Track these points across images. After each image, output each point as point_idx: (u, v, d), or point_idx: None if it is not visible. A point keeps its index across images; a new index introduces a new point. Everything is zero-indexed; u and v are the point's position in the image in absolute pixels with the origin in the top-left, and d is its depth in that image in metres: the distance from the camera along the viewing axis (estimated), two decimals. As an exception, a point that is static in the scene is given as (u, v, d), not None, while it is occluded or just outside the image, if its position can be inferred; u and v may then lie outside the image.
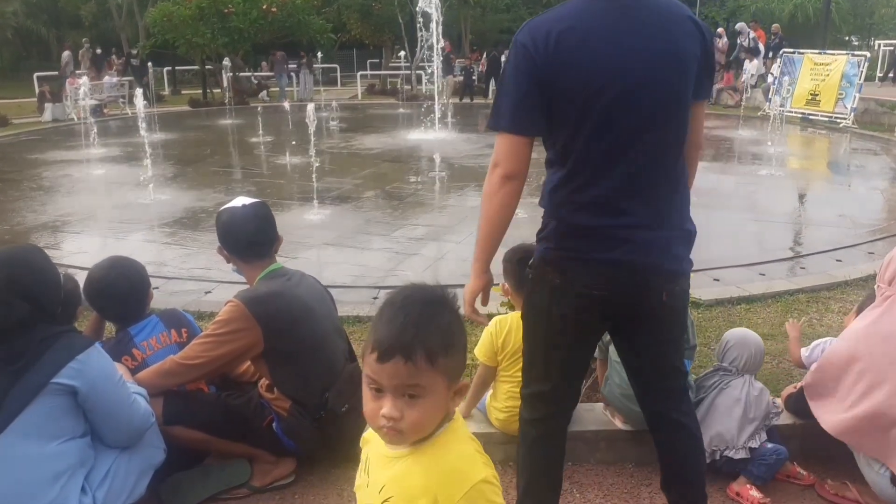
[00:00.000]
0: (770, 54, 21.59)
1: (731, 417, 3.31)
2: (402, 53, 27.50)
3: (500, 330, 3.37)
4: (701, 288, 5.85)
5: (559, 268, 2.43)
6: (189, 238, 8.61)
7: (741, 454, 3.27)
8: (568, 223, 2.41)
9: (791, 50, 19.91)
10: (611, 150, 2.33)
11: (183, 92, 27.39)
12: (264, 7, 23.50)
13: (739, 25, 24.90)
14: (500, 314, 3.57)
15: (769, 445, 3.32)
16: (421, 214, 9.67)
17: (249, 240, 3.20)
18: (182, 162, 13.63)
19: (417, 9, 19.02)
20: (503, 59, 14.27)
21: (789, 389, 3.67)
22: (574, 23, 2.29)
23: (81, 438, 2.63)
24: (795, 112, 14.04)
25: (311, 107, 10.63)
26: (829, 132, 17.22)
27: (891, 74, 22.79)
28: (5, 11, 26.59)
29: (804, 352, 3.68)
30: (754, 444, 3.28)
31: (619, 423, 3.54)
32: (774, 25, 22.09)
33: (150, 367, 3.11)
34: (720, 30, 23.79)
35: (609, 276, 2.38)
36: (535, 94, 2.31)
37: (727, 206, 9.75)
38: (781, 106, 18.49)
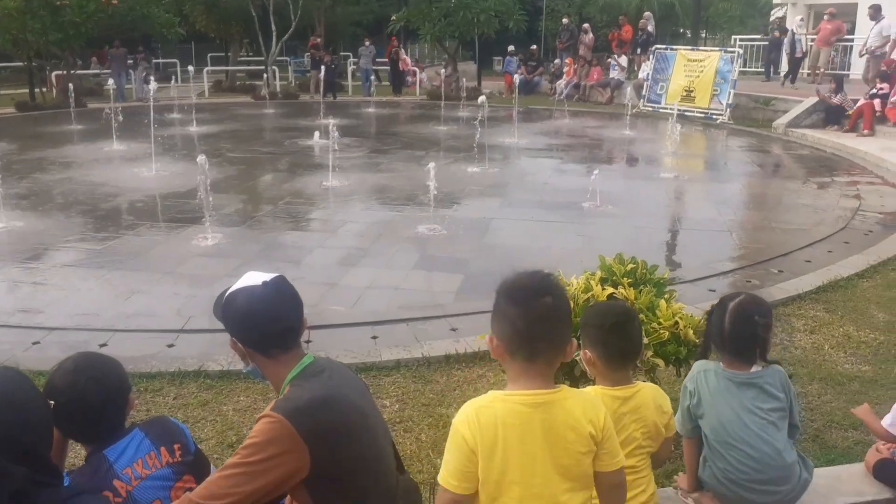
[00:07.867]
0: (639, 50, 21.79)
1: None
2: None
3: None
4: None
5: None
6: (61, 275, 7.25)
7: None
8: None
9: (663, 46, 20.14)
10: None
11: (1, 93, 24.55)
12: (103, -1, 21.32)
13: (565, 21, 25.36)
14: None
15: None
16: (329, 235, 8.72)
17: (281, 328, 2.45)
18: (24, 179, 11.57)
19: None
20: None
21: (874, 454, 3.40)
22: None
23: None
24: (670, 108, 14.06)
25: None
26: (708, 128, 17.44)
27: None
28: None
29: (886, 420, 3.37)
30: None
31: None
32: (642, 21, 22.24)
33: None
34: (585, 25, 23.84)
35: None
36: None
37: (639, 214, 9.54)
38: (655, 102, 18.68)
